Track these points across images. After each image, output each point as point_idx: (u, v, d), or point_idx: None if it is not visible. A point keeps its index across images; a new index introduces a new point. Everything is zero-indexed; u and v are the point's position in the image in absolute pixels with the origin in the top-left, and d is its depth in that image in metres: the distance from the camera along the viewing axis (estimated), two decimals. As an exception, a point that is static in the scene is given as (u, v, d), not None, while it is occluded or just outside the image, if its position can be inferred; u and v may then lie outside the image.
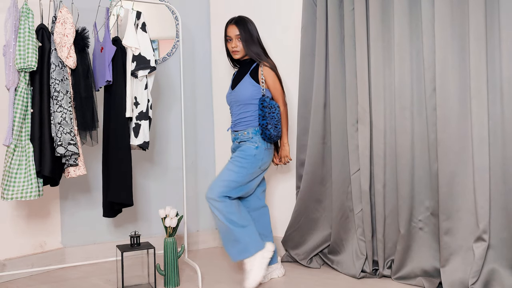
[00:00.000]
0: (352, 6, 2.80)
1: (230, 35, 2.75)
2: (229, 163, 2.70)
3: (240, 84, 2.74)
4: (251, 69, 2.72)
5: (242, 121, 2.73)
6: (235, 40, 2.73)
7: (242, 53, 2.75)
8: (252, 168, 2.66)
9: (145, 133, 2.73)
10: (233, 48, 2.74)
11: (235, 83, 2.79)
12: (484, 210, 2.39)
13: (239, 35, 2.72)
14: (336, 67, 2.88)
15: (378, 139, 2.73)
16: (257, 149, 2.67)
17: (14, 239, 2.91)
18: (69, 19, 2.58)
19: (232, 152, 2.85)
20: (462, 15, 2.46)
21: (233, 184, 2.61)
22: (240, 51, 2.74)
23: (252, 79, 2.70)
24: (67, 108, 2.56)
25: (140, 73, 2.69)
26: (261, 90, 2.69)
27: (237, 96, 2.74)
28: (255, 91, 2.69)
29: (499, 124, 2.40)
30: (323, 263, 3.01)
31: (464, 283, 2.44)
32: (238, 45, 2.73)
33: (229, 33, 2.75)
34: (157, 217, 3.32)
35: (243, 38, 2.72)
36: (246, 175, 2.65)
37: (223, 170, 2.68)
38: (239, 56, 2.76)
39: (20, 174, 2.50)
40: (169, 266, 2.69)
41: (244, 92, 2.71)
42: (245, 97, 2.71)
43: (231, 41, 2.75)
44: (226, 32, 2.77)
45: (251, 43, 2.73)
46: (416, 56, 2.64)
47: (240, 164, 2.65)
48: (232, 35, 2.73)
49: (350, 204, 2.89)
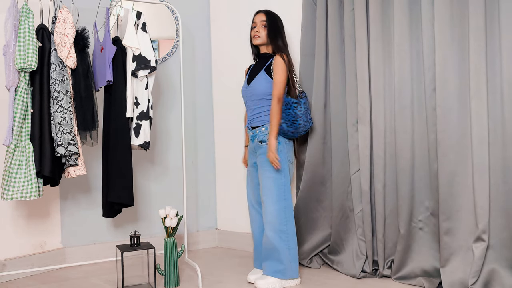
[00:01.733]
0: (352, 6, 2.80)
1: (255, 21, 2.74)
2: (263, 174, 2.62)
3: (255, 79, 2.71)
4: (266, 64, 2.70)
5: (258, 116, 2.70)
6: (259, 26, 2.72)
7: (263, 41, 2.72)
8: (285, 165, 2.63)
9: (146, 133, 2.74)
10: (255, 32, 2.73)
11: (250, 78, 2.77)
12: (483, 210, 2.40)
13: (265, 22, 2.71)
14: (336, 67, 2.88)
15: (378, 139, 2.73)
16: (280, 145, 2.63)
17: (14, 239, 2.91)
18: (69, 19, 2.58)
19: (252, 153, 2.78)
20: (462, 15, 2.46)
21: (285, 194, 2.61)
22: (261, 38, 2.72)
23: (267, 74, 2.67)
24: (67, 108, 2.56)
25: (141, 73, 2.69)
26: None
27: (252, 91, 2.72)
28: (270, 87, 2.65)
29: (499, 124, 2.40)
30: (323, 263, 3.01)
31: (464, 283, 2.44)
32: (261, 31, 2.71)
33: (255, 19, 2.75)
34: (157, 217, 3.32)
35: (268, 26, 2.71)
36: (286, 176, 2.63)
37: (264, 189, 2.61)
38: (259, 42, 2.73)
39: (20, 174, 2.50)
40: (169, 266, 2.69)
41: (259, 87, 2.68)
42: (260, 92, 2.68)
43: (254, 28, 2.74)
44: (253, 19, 2.77)
45: (274, 34, 2.71)
46: (416, 56, 2.64)
47: (279, 171, 2.61)
48: (258, 21, 2.73)
49: (350, 204, 2.89)
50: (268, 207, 2.61)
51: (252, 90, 2.72)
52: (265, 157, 2.62)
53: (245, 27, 3.30)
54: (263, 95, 2.68)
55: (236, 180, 3.43)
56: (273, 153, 2.56)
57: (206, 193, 3.56)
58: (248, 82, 2.78)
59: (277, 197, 2.60)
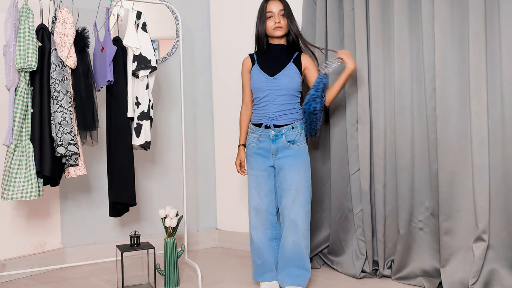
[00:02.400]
0: (352, 6, 2.80)
1: (272, 11, 2.50)
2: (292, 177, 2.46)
3: (284, 71, 2.49)
4: (294, 57, 2.53)
5: (285, 114, 2.49)
6: (278, 15, 2.49)
7: (285, 30, 2.53)
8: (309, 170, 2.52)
9: (147, 133, 2.74)
10: (276, 24, 2.48)
11: (270, 69, 2.52)
12: (483, 210, 2.40)
13: (284, 11, 2.51)
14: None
15: (378, 139, 2.73)
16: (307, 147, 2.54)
17: (14, 239, 2.91)
18: (69, 19, 2.58)
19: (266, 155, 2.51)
20: (462, 15, 2.46)
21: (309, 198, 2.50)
22: (283, 28, 2.51)
23: (296, 68, 2.51)
24: (67, 108, 2.56)
25: (141, 73, 2.69)
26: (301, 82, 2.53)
27: (279, 85, 2.48)
28: (300, 82, 2.51)
29: (499, 124, 2.40)
30: (323, 263, 3.01)
31: (464, 283, 2.44)
32: (281, 20, 2.50)
33: (271, 9, 2.51)
34: (157, 217, 3.32)
35: (287, 14, 2.52)
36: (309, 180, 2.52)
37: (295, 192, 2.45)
38: (283, 33, 2.52)
39: (20, 174, 2.50)
40: (169, 266, 2.69)
41: (290, 80, 2.48)
42: (289, 86, 2.48)
43: (272, 18, 2.50)
44: (266, 8, 2.52)
45: (293, 20, 2.53)
46: (416, 56, 2.64)
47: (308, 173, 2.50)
48: (276, 10, 2.50)
49: (349, 204, 2.89)
50: (299, 210, 2.44)
51: (278, 83, 2.48)
52: (296, 158, 2.47)
53: (245, 27, 3.30)
54: (292, 90, 2.49)
55: (236, 180, 3.43)
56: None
57: (206, 193, 3.56)
58: (270, 74, 2.51)
59: (307, 200, 2.47)
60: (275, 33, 2.52)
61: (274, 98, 2.49)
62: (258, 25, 2.56)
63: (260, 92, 2.53)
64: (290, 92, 2.50)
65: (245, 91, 2.65)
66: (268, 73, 2.51)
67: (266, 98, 2.51)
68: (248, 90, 2.64)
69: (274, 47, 2.57)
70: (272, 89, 2.49)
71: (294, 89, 2.51)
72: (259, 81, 2.53)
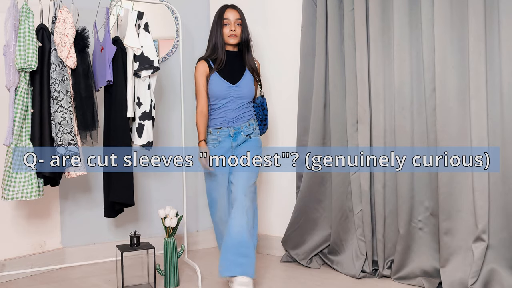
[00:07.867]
0: (352, 6, 2.80)
1: (229, 18, 2.64)
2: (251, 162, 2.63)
3: (243, 80, 2.68)
4: (249, 65, 2.72)
5: (243, 116, 2.68)
6: (234, 24, 2.64)
7: (239, 40, 2.68)
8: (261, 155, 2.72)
9: (149, 133, 2.74)
10: (231, 31, 2.63)
11: (230, 77, 2.64)
12: (483, 210, 2.40)
13: (240, 20, 2.67)
14: (336, 67, 2.88)
15: (378, 139, 2.73)
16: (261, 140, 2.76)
17: (14, 239, 2.91)
18: (69, 19, 2.58)
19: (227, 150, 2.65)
20: (462, 15, 2.46)
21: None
22: (238, 36, 2.67)
23: (251, 74, 2.72)
24: (67, 108, 2.56)
25: (143, 73, 2.69)
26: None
27: (241, 93, 2.65)
28: (254, 88, 2.75)
29: (499, 124, 2.40)
30: (323, 263, 3.01)
31: (464, 283, 2.44)
32: (237, 29, 2.66)
33: (229, 16, 2.64)
34: (157, 217, 3.32)
35: (244, 24, 2.69)
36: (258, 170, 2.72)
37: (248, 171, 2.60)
38: (236, 41, 2.67)
39: (21, 174, 2.50)
40: (169, 266, 2.69)
41: (249, 89, 2.69)
42: (249, 94, 2.70)
43: (228, 25, 2.64)
44: (223, 15, 2.65)
45: (247, 31, 2.70)
46: (416, 56, 2.64)
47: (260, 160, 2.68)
48: (232, 18, 2.65)
49: (350, 204, 2.89)
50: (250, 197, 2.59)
51: (240, 91, 2.65)
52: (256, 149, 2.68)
53: (245, 27, 3.30)
54: (251, 96, 2.73)
55: (236, 180, 3.43)
56: None
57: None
58: (231, 82, 2.64)
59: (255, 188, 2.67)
60: (229, 41, 2.66)
61: (235, 105, 2.65)
62: (215, 31, 2.68)
63: (221, 100, 2.65)
64: (248, 100, 2.71)
65: (202, 94, 2.65)
66: (229, 81, 2.65)
67: (227, 104, 2.64)
68: (204, 93, 2.65)
69: (229, 54, 2.69)
70: (234, 96, 2.65)
71: (252, 95, 2.74)
72: (221, 89, 2.63)
